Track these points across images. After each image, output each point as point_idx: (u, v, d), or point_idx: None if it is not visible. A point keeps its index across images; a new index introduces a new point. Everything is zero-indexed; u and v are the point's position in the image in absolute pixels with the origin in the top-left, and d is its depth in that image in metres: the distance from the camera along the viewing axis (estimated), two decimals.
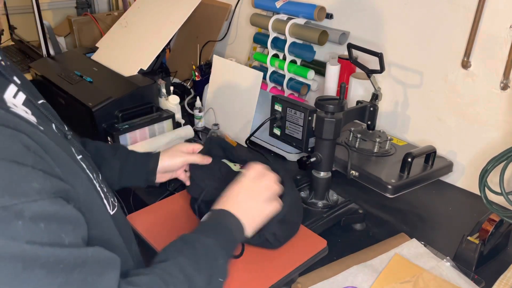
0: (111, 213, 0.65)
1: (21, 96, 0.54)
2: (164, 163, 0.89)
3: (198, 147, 0.93)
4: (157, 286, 0.55)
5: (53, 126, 0.60)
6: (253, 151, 1.29)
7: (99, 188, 0.63)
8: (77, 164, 0.59)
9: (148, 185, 0.90)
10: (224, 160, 0.92)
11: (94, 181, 0.63)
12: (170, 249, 0.64)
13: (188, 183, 0.91)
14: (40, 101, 0.62)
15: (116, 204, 0.70)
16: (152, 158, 0.90)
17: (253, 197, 0.74)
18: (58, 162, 0.50)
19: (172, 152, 0.91)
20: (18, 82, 0.56)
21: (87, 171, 0.62)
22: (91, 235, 0.54)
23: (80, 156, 0.63)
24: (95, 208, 0.59)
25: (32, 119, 0.52)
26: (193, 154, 0.91)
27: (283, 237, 0.81)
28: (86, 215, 0.52)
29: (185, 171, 0.93)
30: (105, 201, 0.64)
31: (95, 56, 1.62)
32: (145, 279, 0.55)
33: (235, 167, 0.90)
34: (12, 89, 0.54)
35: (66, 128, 0.64)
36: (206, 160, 0.90)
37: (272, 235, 0.79)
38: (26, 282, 0.41)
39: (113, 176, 0.86)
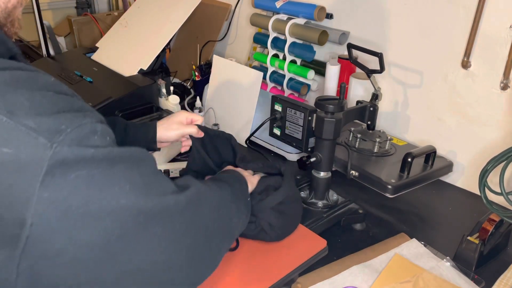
0: None
1: None
2: (160, 134, 0.91)
3: (197, 118, 0.93)
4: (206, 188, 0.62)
5: None
6: (253, 151, 1.29)
7: None
8: None
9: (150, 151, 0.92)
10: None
11: None
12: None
13: (183, 149, 0.94)
14: None
15: None
16: (150, 128, 0.91)
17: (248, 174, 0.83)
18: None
19: (168, 123, 0.92)
20: None
21: None
22: None
23: None
24: None
25: None
26: (190, 126, 0.91)
27: (279, 227, 0.81)
28: None
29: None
30: None
31: (95, 56, 1.62)
32: (192, 181, 0.61)
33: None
34: None
35: None
36: (200, 133, 0.90)
37: (268, 224, 0.79)
38: (118, 175, 0.48)
39: None
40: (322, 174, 0.99)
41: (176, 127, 0.91)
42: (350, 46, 1.10)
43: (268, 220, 0.79)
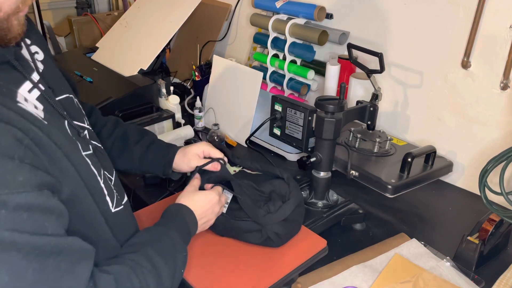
0: (113, 210, 0.66)
1: (36, 92, 0.58)
2: (177, 162, 0.89)
3: (216, 154, 0.88)
4: (126, 275, 0.58)
5: (66, 122, 0.62)
6: (253, 151, 1.29)
7: (102, 184, 0.65)
8: (77, 162, 0.59)
9: (165, 176, 0.91)
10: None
11: (98, 177, 0.64)
12: (138, 241, 0.67)
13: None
14: (62, 96, 0.66)
15: (123, 202, 0.71)
16: (170, 151, 0.90)
17: (209, 208, 0.79)
18: (50, 157, 0.54)
19: (185, 152, 0.88)
20: (37, 78, 0.60)
21: (92, 167, 0.63)
22: (76, 228, 0.58)
23: (89, 152, 0.65)
24: (86, 203, 0.61)
25: (40, 114, 0.56)
26: (203, 160, 0.87)
27: (285, 235, 0.81)
28: (73, 209, 0.56)
29: None
30: (107, 198, 0.65)
31: (95, 56, 1.62)
32: (116, 267, 0.58)
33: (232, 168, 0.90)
34: (27, 85, 0.58)
35: (87, 124, 0.70)
36: (216, 167, 0.87)
37: (275, 234, 0.79)
38: (2, 262, 0.45)
39: (134, 162, 0.89)
40: (322, 174, 0.99)
41: (190, 159, 0.87)
42: (350, 46, 1.10)
43: (275, 230, 0.79)
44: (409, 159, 1.00)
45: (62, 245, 0.51)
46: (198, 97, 1.45)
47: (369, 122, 1.09)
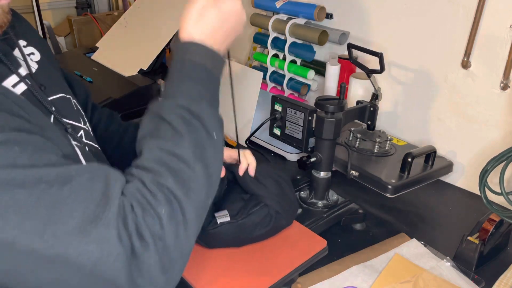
0: None
1: (22, 87, 0.56)
2: None
3: (243, 163, 0.85)
4: (135, 189, 0.49)
5: (52, 117, 0.60)
6: (253, 151, 1.29)
7: None
8: (64, 144, 0.57)
9: None
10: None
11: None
12: (141, 138, 0.55)
13: None
14: (55, 96, 0.64)
15: None
16: None
17: (218, 16, 0.59)
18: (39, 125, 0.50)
19: None
20: (24, 73, 0.58)
21: (81, 157, 0.61)
22: None
23: (79, 145, 0.62)
24: None
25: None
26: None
27: (286, 212, 0.83)
28: None
29: None
30: None
31: (95, 56, 1.62)
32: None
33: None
34: (12, 79, 0.55)
35: (83, 125, 0.67)
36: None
37: (276, 212, 0.81)
38: (8, 204, 0.41)
39: None
40: (322, 174, 0.99)
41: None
42: (350, 46, 1.10)
43: (275, 208, 0.81)
44: (409, 159, 1.00)
45: (69, 171, 0.45)
46: None
47: (369, 122, 1.09)
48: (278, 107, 1.04)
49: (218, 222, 0.79)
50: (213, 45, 0.58)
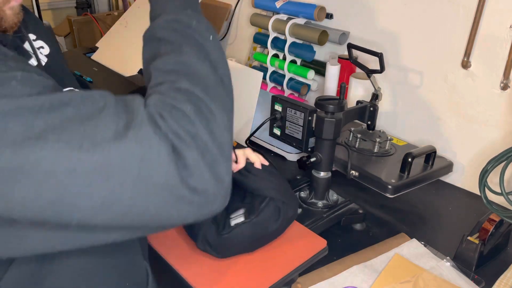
0: None
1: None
2: None
3: (254, 160, 0.87)
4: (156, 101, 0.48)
5: None
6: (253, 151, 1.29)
7: None
8: None
9: None
10: None
11: None
12: (147, 65, 0.56)
13: None
14: (65, 89, 0.64)
15: None
16: None
17: None
18: None
19: None
20: (34, 64, 0.60)
21: None
22: None
23: None
24: None
25: None
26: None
27: (290, 201, 0.84)
28: None
29: None
30: None
31: (95, 56, 1.62)
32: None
33: None
34: (32, 62, 0.59)
35: None
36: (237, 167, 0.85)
37: (282, 203, 0.82)
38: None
39: None
40: (322, 174, 0.99)
41: None
42: (350, 46, 1.10)
43: (282, 199, 0.82)
44: (409, 159, 1.00)
45: (92, 93, 0.46)
46: None
47: (369, 122, 1.09)
48: (278, 107, 1.04)
49: (233, 224, 0.78)
50: None
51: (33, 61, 0.60)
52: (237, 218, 0.79)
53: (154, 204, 0.44)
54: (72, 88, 0.67)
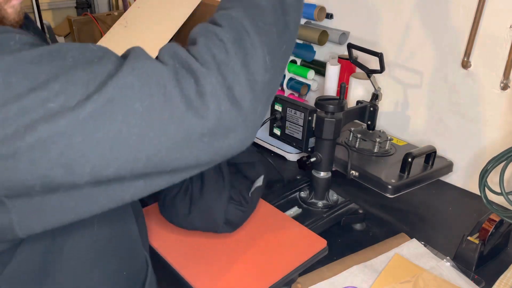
0: None
1: None
2: None
3: None
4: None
5: None
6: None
7: None
8: None
9: None
10: None
11: None
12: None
13: None
14: None
15: None
16: None
17: None
18: None
19: None
20: None
21: None
22: None
23: None
24: None
25: None
26: None
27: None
28: None
29: None
30: None
31: None
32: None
33: None
34: None
35: None
36: None
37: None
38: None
39: None
40: (322, 174, 0.99)
41: None
42: (350, 46, 1.10)
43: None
44: (409, 159, 1.00)
45: (70, 45, 0.44)
46: None
47: (369, 122, 1.09)
48: (278, 107, 1.04)
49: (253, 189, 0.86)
50: None
51: None
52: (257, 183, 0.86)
53: (163, 142, 0.42)
54: None
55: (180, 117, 0.42)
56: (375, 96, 1.07)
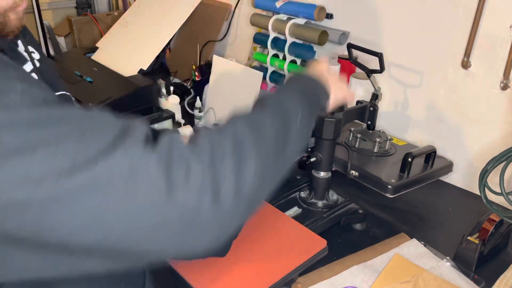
0: None
1: (34, 76, 0.59)
2: None
3: None
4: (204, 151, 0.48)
5: None
6: None
7: None
8: None
9: None
10: None
11: None
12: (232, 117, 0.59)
13: None
14: (58, 93, 0.65)
15: None
16: None
17: (337, 79, 0.76)
18: None
19: None
20: (29, 68, 0.61)
21: None
22: None
23: None
24: None
25: None
26: None
27: None
28: None
29: None
30: None
31: (95, 56, 1.62)
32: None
33: None
34: (28, 66, 0.59)
35: None
36: None
37: None
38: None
39: None
40: (322, 174, 0.99)
41: None
42: (350, 46, 1.10)
43: None
44: (409, 159, 1.00)
45: (72, 112, 0.45)
46: (198, 97, 1.45)
47: (369, 122, 1.09)
48: None
49: None
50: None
51: (29, 65, 0.60)
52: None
53: (137, 226, 0.42)
54: (64, 92, 0.68)
55: (160, 205, 0.42)
56: (375, 96, 1.07)
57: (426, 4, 1.13)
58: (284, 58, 1.43)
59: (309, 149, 1.01)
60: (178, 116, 1.40)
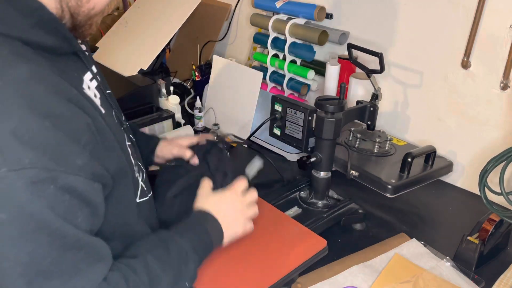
0: (137, 200, 0.68)
1: (94, 82, 0.65)
2: (159, 148, 0.93)
3: (198, 141, 0.91)
4: (116, 282, 0.56)
5: (113, 113, 0.68)
6: (253, 151, 1.29)
7: (137, 174, 0.68)
8: (124, 150, 0.64)
9: (148, 165, 0.94)
10: None
11: (134, 167, 0.67)
12: (142, 245, 0.65)
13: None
14: (107, 91, 0.71)
15: (148, 194, 0.73)
16: (153, 140, 0.94)
17: (237, 210, 0.76)
18: (107, 144, 0.57)
19: (172, 145, 0.92)
20: (94, 71, 0.67)
21: (131, 157, 0.67)
22: (112, 219, 0.61)
23: (129, 143, 0.69)
24: (124, 191, 0.63)
25: (98, 102, 0.61)
26: (188, 149, 0.89)
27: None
28: (111, 198, 0.59)
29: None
30: (139, 187, 0.69)
31: (95, 56, 1.61)
32: (109, 274, 0.57)
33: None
34: (89, 75, 0.64)
35: (123, 118, 0.73)
36: (193, 160, 0.88)
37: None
38: (30, 241, 0.47)
39: None
40: (322, 174, 0.99)
41: (177, 151, 0.89)
42: (350, 46, 1.10)
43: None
44: (409, 159, 1.00)
45: (85, 242, 0.52)
46: (198, 97, 1.45)
47: (369, 122, 1.09)
48: (278, 107, 1.04)
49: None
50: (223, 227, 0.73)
51: (94, 68, 0.66)
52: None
53: None
54: (110, 91, 0.74)
55: None
56: (375, 96, 1.07)
57: (426, 4, 1.13)
58: (284, 58, 1.43)
59: (309, 149, 1.01)
60: (178, 116, 1.40)
